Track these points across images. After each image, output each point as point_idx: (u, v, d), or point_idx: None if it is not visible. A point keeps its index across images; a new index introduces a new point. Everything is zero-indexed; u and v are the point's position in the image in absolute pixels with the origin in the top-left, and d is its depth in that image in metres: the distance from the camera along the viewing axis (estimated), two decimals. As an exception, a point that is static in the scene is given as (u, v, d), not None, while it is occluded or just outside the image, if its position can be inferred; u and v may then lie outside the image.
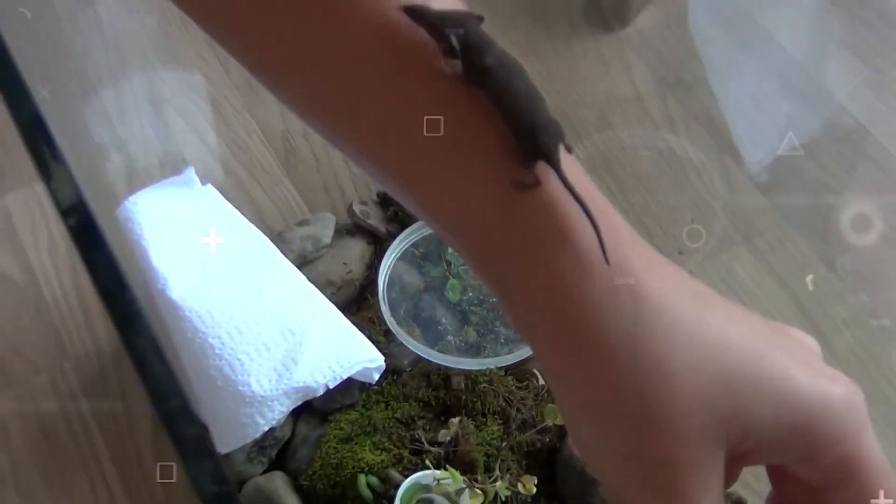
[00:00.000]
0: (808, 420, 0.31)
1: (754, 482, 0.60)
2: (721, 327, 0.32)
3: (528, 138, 0.32)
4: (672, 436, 0.31)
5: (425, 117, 0.33)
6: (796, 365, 0.32)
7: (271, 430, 0.63)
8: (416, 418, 0.66)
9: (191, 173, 0.71)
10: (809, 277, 0.68)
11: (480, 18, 0.33)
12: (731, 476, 0.33)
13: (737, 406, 0.31)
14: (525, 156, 0.32)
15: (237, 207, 0.73)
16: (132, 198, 0.65)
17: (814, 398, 0.32)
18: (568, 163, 0.33)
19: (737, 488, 0.63)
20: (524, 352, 0.67)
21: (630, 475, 0.32)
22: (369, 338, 0.68)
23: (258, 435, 0.61)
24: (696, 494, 0.31)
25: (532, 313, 0.33)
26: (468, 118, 0.33)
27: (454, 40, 0.32)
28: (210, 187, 0.72)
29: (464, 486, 0.61)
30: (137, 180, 0.71)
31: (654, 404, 0.31)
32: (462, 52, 0.32)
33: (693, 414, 0.31)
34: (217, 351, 0.61)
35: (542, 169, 0.32)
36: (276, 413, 0.62)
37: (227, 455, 0.63)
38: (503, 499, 0.61)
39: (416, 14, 0.32)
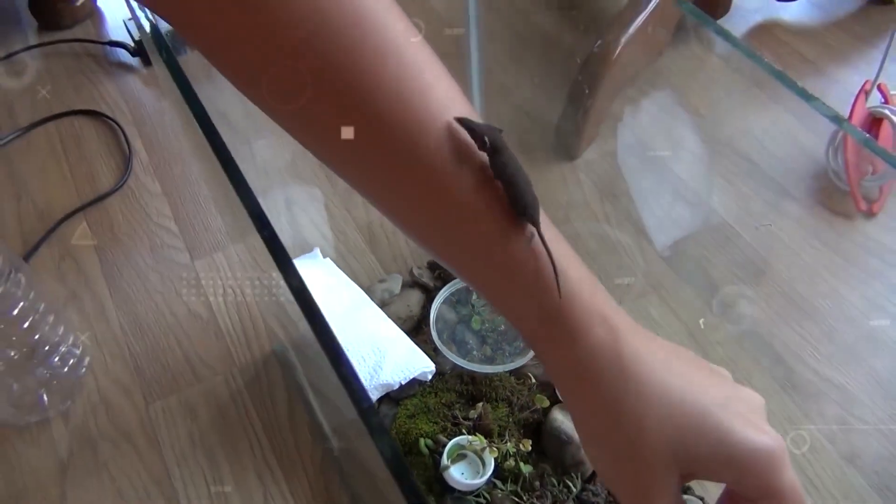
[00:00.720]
0: (737, 459, 0.31)
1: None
2: (680, 391, 0.31)
3: (521, 208, 0.31)
4: (645, 464, 0.31)
5: (489, 256, 0.32)
6: (734, 419, 0.31)
7: (365, 410, 0.65)
8: (454, 403, 0.66)
9: (317, 251, 0.72)
10: (701, 320, 0.67)
11: (500, 130, 0.32)
12: (684, 483, 0.33)
13: (686, 447, 0.31)
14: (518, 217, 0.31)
15: (344, 272, 0.72)
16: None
17: (742, 444, 0.31)
18: (560, 243, 0.32)
19: (694, 483, 0.61)
20: (521, 361, 0.67)
21: (621, 484, 0.33)
22: (425, 352, 0.67)
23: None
24: (659, 500, 0.32)
25: (558, 378, 0.33)
26: (519, 262, 0.32)
27: (487, 141, 0.31)
28: (328, 259, 0.72)
29: (486, 446, 0.61)
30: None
31: (635, 444, 0.31)
32: (489, 150, 0.31)
33: (658, 451, 0.31)
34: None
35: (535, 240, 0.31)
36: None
37: (337, 426, 0.64)
38: (511, 453, 0.61)
39: (464, 123, 0.31)
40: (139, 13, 0.45)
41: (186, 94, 0.39)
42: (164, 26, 0.46)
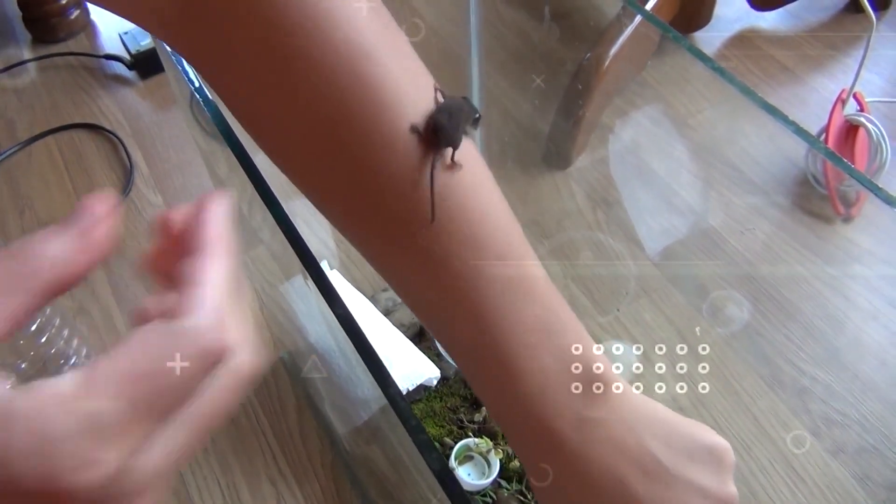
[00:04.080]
0: None
1: None
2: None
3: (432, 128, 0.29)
4: None
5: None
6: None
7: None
8: (459, 407, 0.67)
9: (325, 263, 0.73)
10: (697, 328, 0.69)
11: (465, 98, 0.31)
12: None
13: None
14: (430, 144, 0.29)
15: (349, 282, 0.74)
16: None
17: None
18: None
19: None
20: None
21: None
22: (428, 359, 0.68)
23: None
24: None
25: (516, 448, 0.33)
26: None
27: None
28: (335, 271, 0.73)
29: (491, 447, 0.63)
30: (289, 268, 0.73)
31: None
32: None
33: None
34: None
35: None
36: (377, 406, 0.66)
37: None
38: (515, 454, 0.60)
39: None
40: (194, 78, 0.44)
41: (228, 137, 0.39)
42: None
